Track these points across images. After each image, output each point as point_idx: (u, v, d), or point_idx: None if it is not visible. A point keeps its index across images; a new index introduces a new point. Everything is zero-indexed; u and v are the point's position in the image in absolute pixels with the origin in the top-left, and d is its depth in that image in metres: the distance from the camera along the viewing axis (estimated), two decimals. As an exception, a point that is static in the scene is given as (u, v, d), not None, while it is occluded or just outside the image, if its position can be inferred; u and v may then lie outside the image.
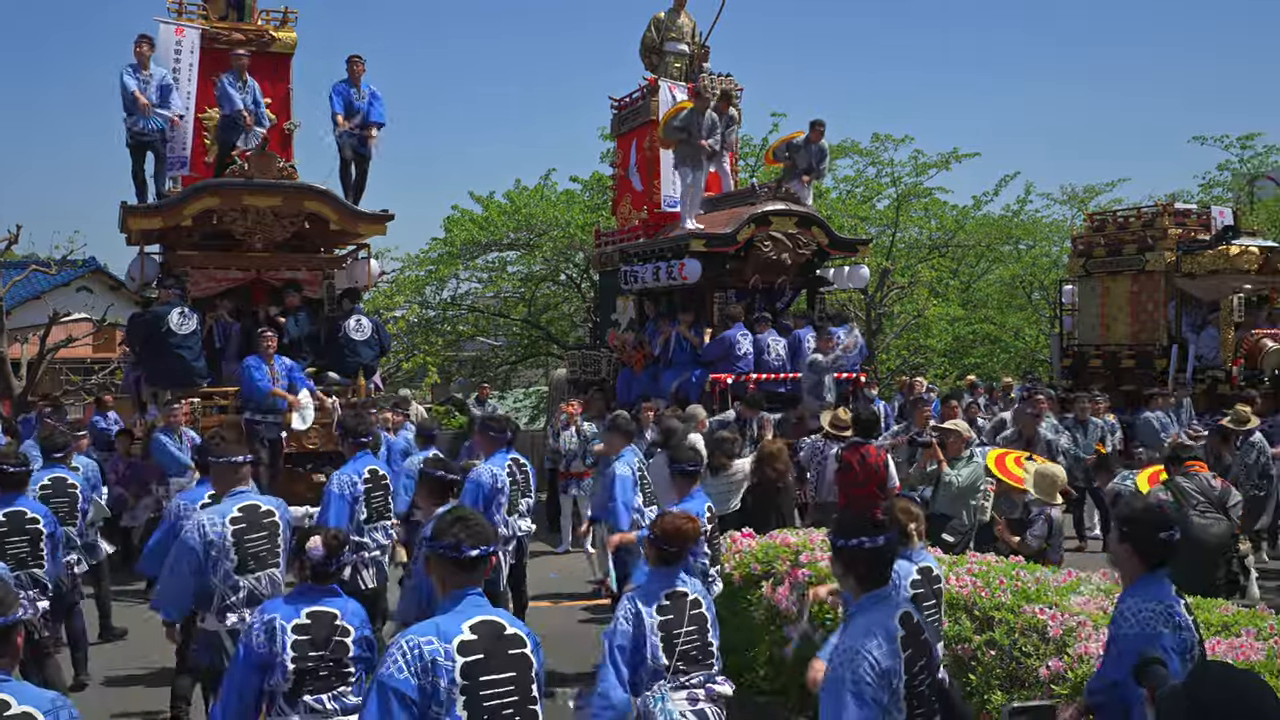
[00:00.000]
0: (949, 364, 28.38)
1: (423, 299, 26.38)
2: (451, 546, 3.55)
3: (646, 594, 4.56)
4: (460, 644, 3.40)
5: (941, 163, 26.26)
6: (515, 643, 3.55)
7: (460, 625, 3.45)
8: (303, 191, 11.90)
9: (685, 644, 4.53)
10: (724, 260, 13.50)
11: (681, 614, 4.54)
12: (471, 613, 3.51)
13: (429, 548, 3.65)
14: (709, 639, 4.64)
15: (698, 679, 4.54)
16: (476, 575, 3.60)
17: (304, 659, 4.34)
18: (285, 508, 5.97)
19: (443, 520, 3.66)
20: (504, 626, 3.54)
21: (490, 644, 3.47)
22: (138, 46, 12.25)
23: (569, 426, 12.81)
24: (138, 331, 11.76)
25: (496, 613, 3.59)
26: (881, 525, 3.69)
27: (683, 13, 16.37)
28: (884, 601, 3.61)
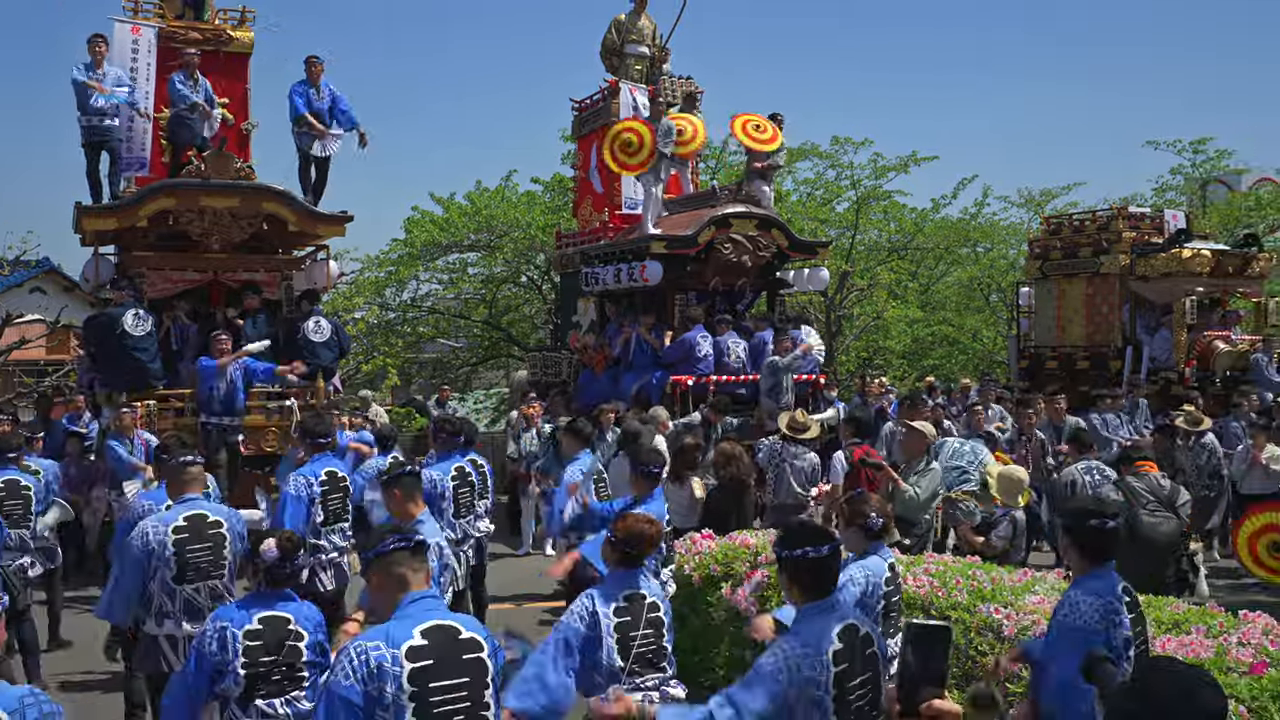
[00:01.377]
0: (908, 365, 28.59)
1: (382, 300, 26.24)
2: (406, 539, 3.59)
3: (605, 594, 4.55)
4: (409, 649, 3.35)
5: (900, 166, 26.46)
6: (470, 646, 3.49)
7: (411, 630, 3.40)
8: (261, 192, 11.80)
9: (641, 647, 4.53)
10: (684, 262, 13.53)
11: (639, 616, 4.53)
12: (424, 617, 3.46)
13: (375, 554, 3.60)
14: (664, 643, 4.64)
15: (652, 681, 4.55)
16: (423, 573, 3.61)
17: (255, 664, 4.34)
18: (237, 518, 5.94)
19: (384, 528, 3.68)
20: (458, 630, 3.49)
21: (442, 649, 3.41)
22: (93, 45, 12.10)
23: (529, 428, 12.80)
24: (92, 333, 11.61)
25: (454, 616, 3.56)
26: (826, 534, 3.68)
27: (643, 15, 16.40)
28: (825, 612, 3.56)
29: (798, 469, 9.19)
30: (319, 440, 7.45)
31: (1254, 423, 11.97)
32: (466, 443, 8.22)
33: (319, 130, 12.94)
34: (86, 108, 11.97)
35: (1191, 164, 28.96)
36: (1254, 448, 11.15)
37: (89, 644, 8.62)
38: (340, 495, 7.39)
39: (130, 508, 6.86)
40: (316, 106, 12.98)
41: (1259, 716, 4.08)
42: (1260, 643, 4.67)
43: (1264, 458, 10.98)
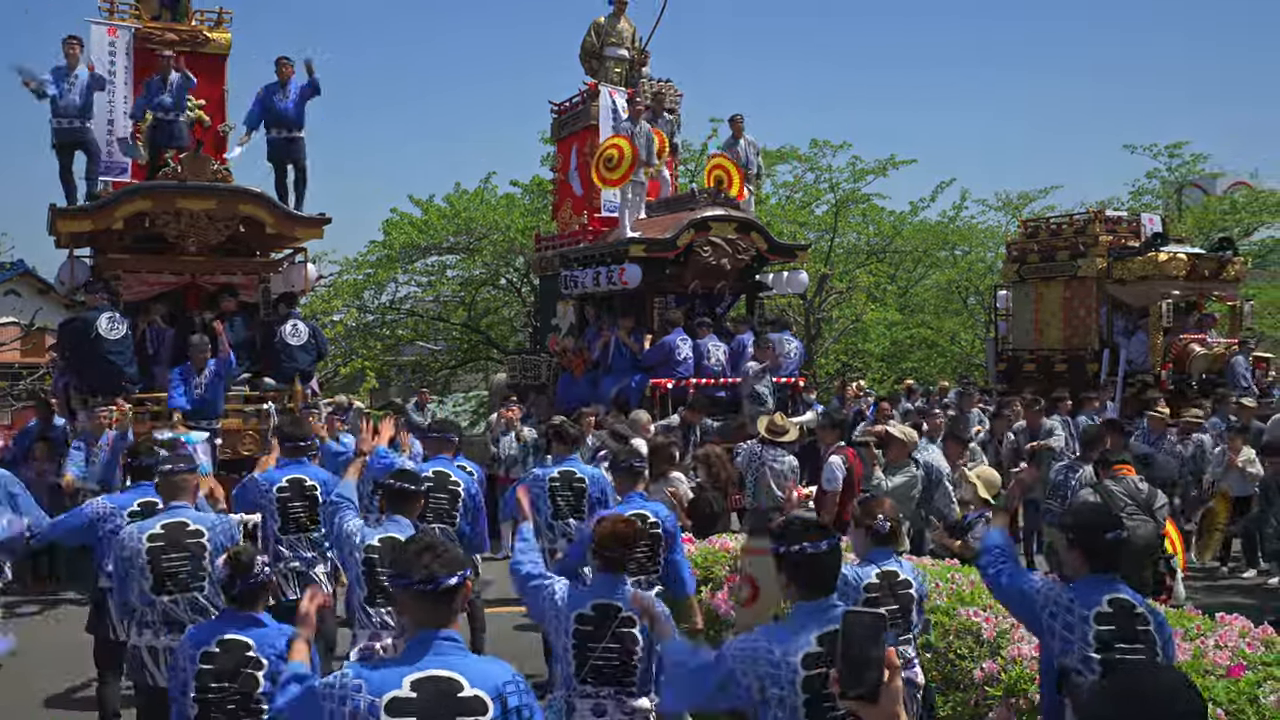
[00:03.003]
0: (886, 368, 28.69)
1: (361, 303, 26.16)
2: (427, 579, 3.12)
3: (573, 598, 4.48)
4: (391, 701, 2.98)
5: (879, 169, 26.59)
6: (470, 707, 3.05)
7: (402, 679, 3.02)
8: (238, 194, 11.71)
9: (600, 659, 4.43)
10: (664, 265, 13.52)
11: (604, 629, 4.42)
12: (428, 664, 3.07)
13: (396, 585, 3.23)
14: (633, 660, 4.48)
15: (607, 691, 4.46)
16: (452, 609, 3.19)
17: (205, 690, 4.14)
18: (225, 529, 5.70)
19: (408, 552, 3.21)
20: (460, 685, 3.06)
21: (430, 707, 3.01)
22: (66, 47, 11.98)
23: (509, 431, 12.76)
24: (67, 337, 11.53)
25: (463, 666, 3.11)
26: (825, 530, 3.54)
27: (623, 18, 16.41)
28: (813, 615, 3.44)
29: (776, 472, 9.17)
30: (296, 444, 7.31)
31: (1231, 425, 12.05)
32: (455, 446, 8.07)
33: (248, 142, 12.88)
34: (58, 109, 11.87)
35: (1168, 168, 29.21)
36: (1230, 451, 11.25)
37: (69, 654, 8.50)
38: (306, 503, 7.08)
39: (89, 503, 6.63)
40: (281, 107, 12.89)
41: (1236, 719, 4.09)
42: (1237, 645, 4.69)
43: (1240, 460, 11.07)
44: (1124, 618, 3.99)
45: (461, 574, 3.17)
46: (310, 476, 7.22)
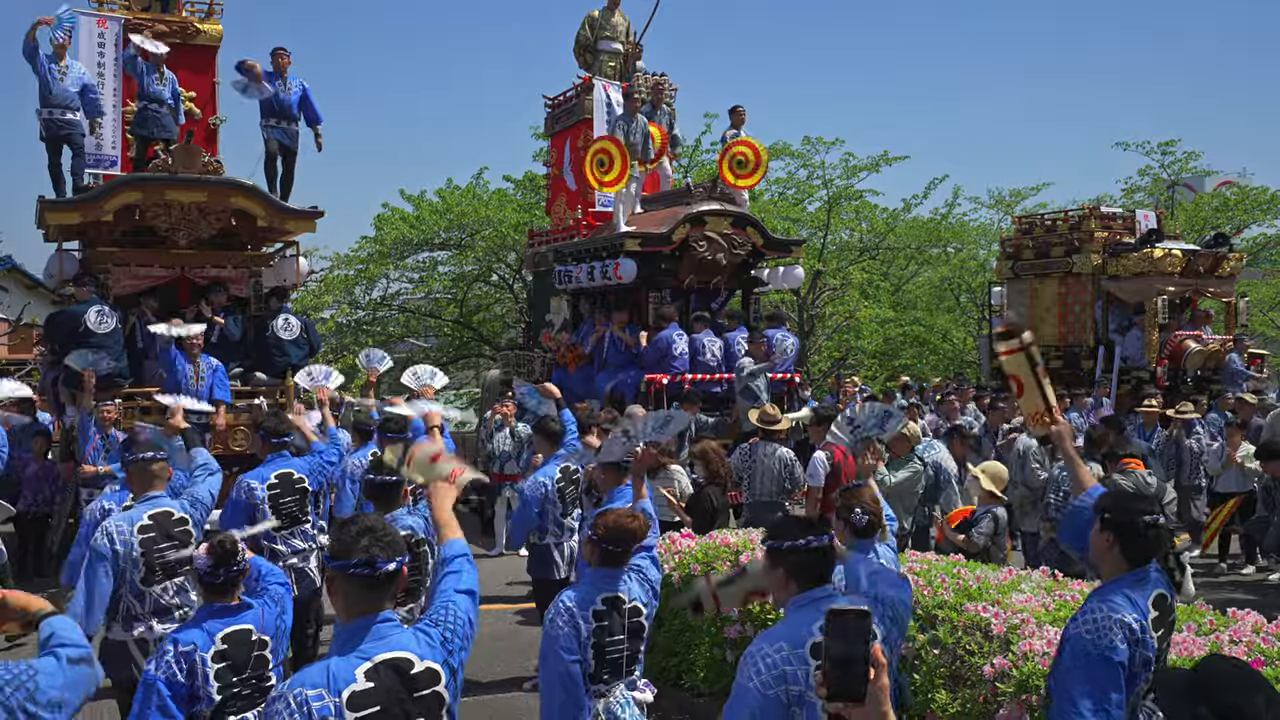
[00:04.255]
0: (879, 365, 28.64)
1: (352, 298, 26.01)
2: (366, 563, 3.04)
3: (581, 599, 4.39)
4: (351, 697, 2.92)
5: (872, 165, 26.53)
6: (425, 680, 3.06)
7: (354, 671, 2.96)
8: (229, 187, 11.56)
9: (616, 654, 4.40)
10: (659, 260, 13.42)
11: (618, 623, 4.39)
12: (373, 650, 3.01)
13: (332, 566, 3.12)
14: (640, 648, 4.51)
15: (620, 687, 4.44)
16: (390, 593, 3.12)
17: (228, 686, 4.14)
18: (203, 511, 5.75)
19: (346, 534, 3.12)
20: (411, 663, 3.05)
21: (390, 692, 2.98)
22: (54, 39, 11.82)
23: (503, 428, 12.66)
24: (55, 331, 11.36)
25: (408, 643, 3.09)
26: (819, 525, 3.53)
27: (617, 12, 16.34)
28: (811, 605, 3.39)
29: (769, 466, 9.10)
30: (276, 440, 7.26)
31: (1230, 421, 12.01)
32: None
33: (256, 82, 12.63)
34: (47, 100, 11.70)
35: (1160, 165, 29.17)
36: (1229, 446, 11.20)
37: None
38: (296, 497, 7.12)
39: (89, 509, 6.64)
40: (284, 99, 12.76)
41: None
42: (1252, 640, 4.62)
43: (1239, 456, 11.02)
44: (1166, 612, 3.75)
45: (400, 559, 3.11)
46: (296, 469, 7.28)
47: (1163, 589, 3.71)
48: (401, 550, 3.15)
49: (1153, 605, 3.63)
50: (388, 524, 3.22)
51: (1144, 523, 3.65)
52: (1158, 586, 3.70)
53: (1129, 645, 3.51)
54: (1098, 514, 3.76)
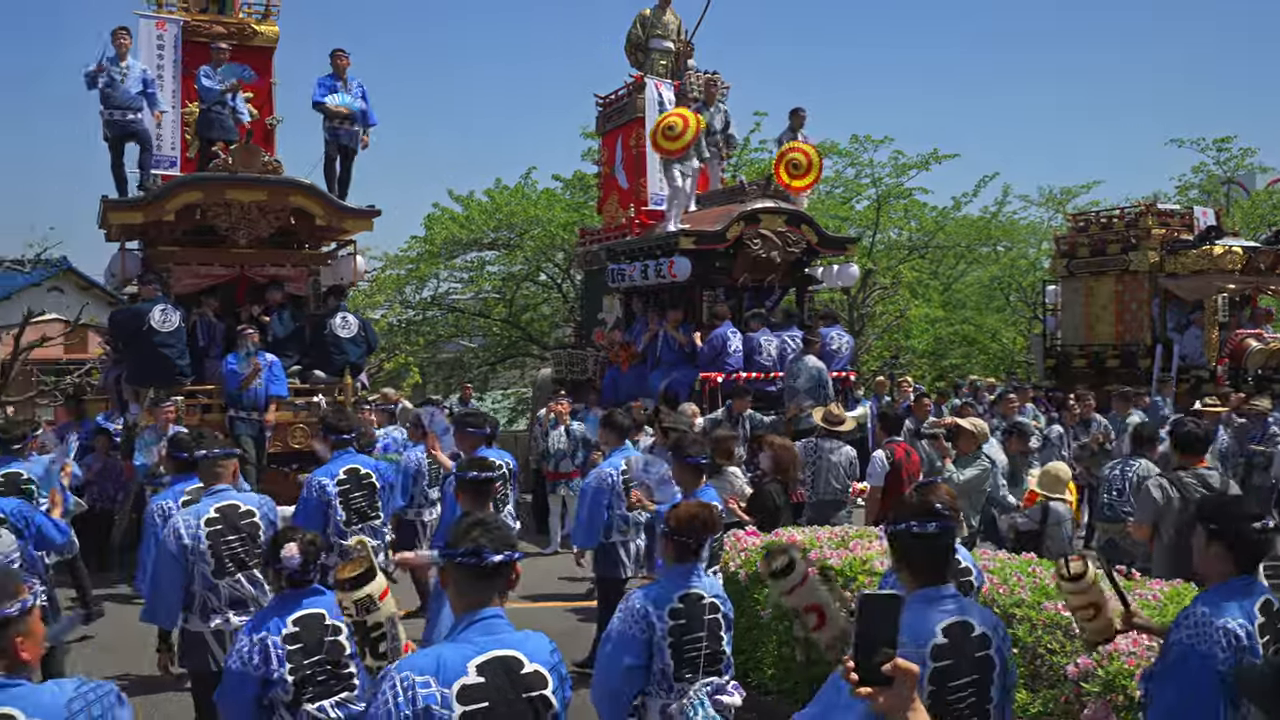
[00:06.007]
0: (928, 365, 28.42)
1: (403, 298, 26.18)
2: (472, 553, 3.05)
3: (658, 597, 4.33)
4: (461, 689, 2.91)
5: (921, 163, 26.32)
6: (533, 682, 3.05)
7: (466, 664, 2.95)
8: (288, 186, 11.66)
9: (694, 651, 4.32)
10: (713, 258, 13.40)
11: (696, 620, 4.32)
12: (485, 645, 3.02)
13: (443, 555, 3.19)
14: (722, 646, 4.43)
15: (707, 688, 4.37)
16: (498, 587, 3.13)
17: (300, 669, 4.15)
18: (270, 506, 5.79)
19: (459, 525, 3.18)
20: (521, 663, 3.05)
21: (499, 690, 2.97)
22: (116, 38, 11.98)
23: (558, 426, 12.68)
24: (119, 329, 11.50)
25: (518, 642, 3.10)
26: (937, 512, 3.37)
27: (668, 10, 16.31)
28: (930, 602, 3.31)
29: (834, 464, 9.03)
30: (340, 436, 7.29)
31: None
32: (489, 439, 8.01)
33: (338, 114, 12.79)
34: (110, 101, 11.86)
35: (1216, 161, 28.72)
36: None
37: (115, 642, 8.50)
38: (365, 492, 7.18)
39: (148, 511, 6.69)
40: (344, 101, 12.85)
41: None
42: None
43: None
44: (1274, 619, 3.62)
45: (509, 553, 3.11)
46: (363, 465, 7.34)
47: (1269, 595, 3.63)
48: (511, 544, 3.16)
49: (1260, 611, 3.55)
50: (499, 517, 3.23)
51: (1253, 530, 3.59)
52: (1264, 592, 3.62)
53: (1233, 652, 3.43)
54: (1202, 524, 3.69)
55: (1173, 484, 6.99)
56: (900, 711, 2.30)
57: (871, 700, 2.29)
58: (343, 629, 4.27)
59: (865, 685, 2.26)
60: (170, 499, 6.34)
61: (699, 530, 4.43)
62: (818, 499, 9.00)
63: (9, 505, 6.22)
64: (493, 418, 8.50)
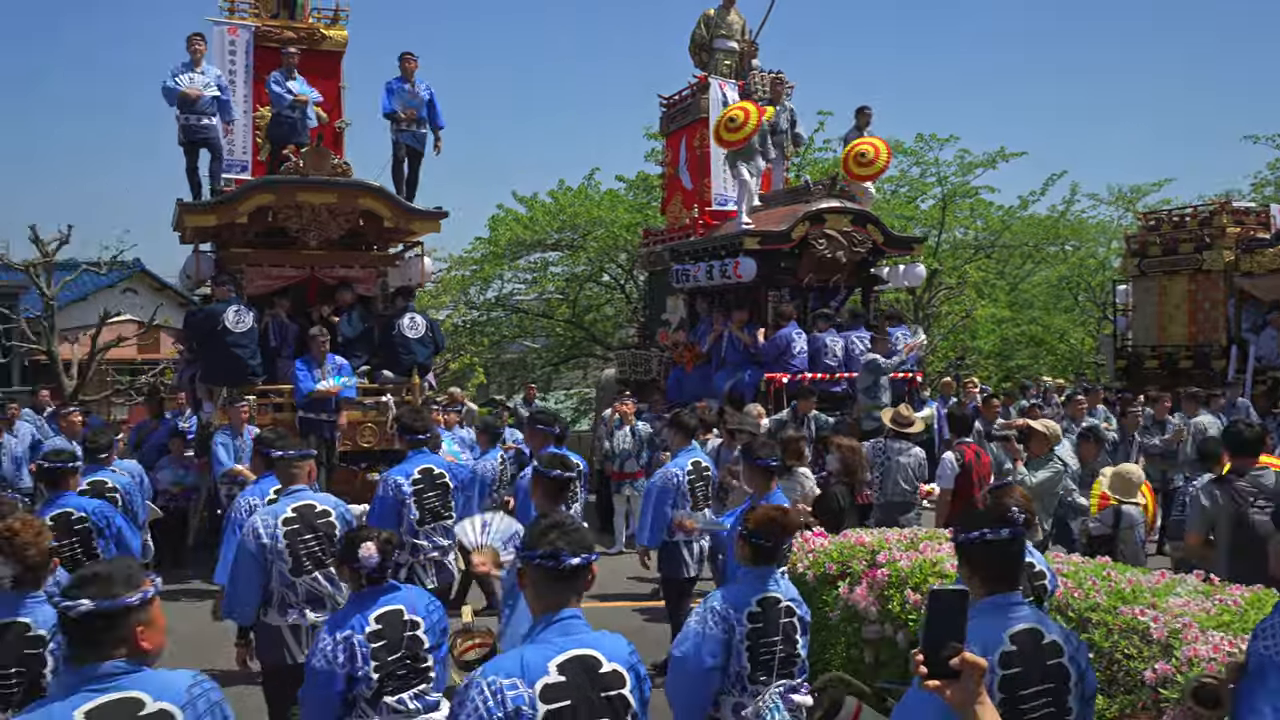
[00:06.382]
0: (994, 366, 28.11)
1: (467, 299, 26.40)
2: (549, 555, 3.10)
3: (736, 599, 4.35)
4: (544, 688, 2.97)
5: (988, 162, 26.06)
6: (612, 681, 3.09)
7: (547, 663, 3.02)
8: (357, 188, 11.82)
9: (769, 654, 4.34)
10: (778, 258, 13.36)
11: (773, 623, 4.34)
12: (564, 644, 3.08)
13: (523, 558, 3.22)
14: (796, 649, 4.45)
15: (779, 688, 4.39)
16: (576, 589, 3.18)
17: (384, 665, 4.24)
18: (344, 507, 5.91)
19: (537, 526, 3.22)
20: (600, 662, 3.10)
21: (580, 688, 3.03)
22: (191, 44, 12.21)
23: (623, 426, 12.72)
24: (194, 329, 11.73)
25: (596, 642, 3.15)
26: (1009, 518, 3.32)
27: (732, 10, 16.30)
28: (999, 610, 3.27)
29: (903, 465, 8.98)
30: (415, 436, 7.37)
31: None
32: (559, 438, 8.05)
33: (406, 126, 12.96)
34: (185, 107, 12.09)
35: (1292, 158, 28.07)
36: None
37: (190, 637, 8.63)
38: (438, 492, 7.25)
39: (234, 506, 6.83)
40: (411, 103, 12.99)
41: None
42: None
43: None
44: None
45: (587, 555, 3.15)
46: (437, 465, 7.39)
47: None
48: (589, 546, 3.20)
49: None
50: (578, 520, 3.26)
51: None
52: None
53: None
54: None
55: (1224, 489, 6.87)
56: (968, 705, 2.35)
57: (939, 693, 2.34)
58: (421, 623, 4.34)
59: (933, 679, 2.31)
60: (256, 495, 6.44)
61: (777, 533, 4.44)
62: (886, 500, 8.95)
63: (91, 505, 6.39)
64: (563, 418, 8.56)
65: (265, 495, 6.38)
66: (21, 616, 4.03)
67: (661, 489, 7.75)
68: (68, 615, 2.78)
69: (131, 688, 2.79)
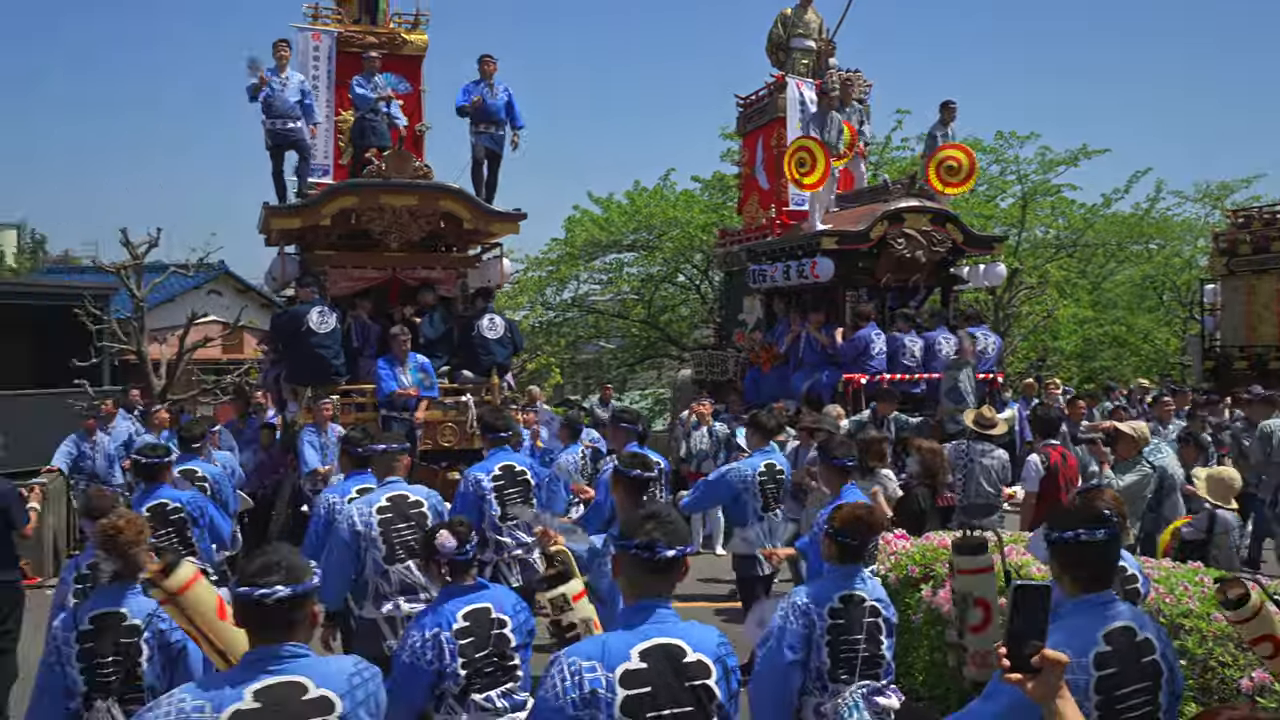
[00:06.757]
0: (1076, 367, 27.61)
1: (544, 299, 26.58)
2: (645, 546, 3.15)
3: (819, 595, 4.36)
4: (624, 674, 3.03)
5: (1070, 159, 25.62)
6: (696, 671, 3.13)
7: (629, 650, 3.07)
8: (438, 191, 11.94)
9: (851, 653, 4.33)
10: (856, 258, 13.27)
11: (855, 622, 4.32)
12: (650, 633, 3.12)
13: (619, 547, 3.28)
14: (881, 650, 4.42)
15: (863, 689, 4.36)
16: (669, 580, 3.23)
17: (472, 662, 4.29)
18: (437, 498, 6.07)
19: (634, 517, 3.30)
20: (684, 652, 3.12)
21: (661, 675, 3.07)
22: (277, 50, 12.43)
23: (700, 427, 12.71)
24: (279, 330, 11.93)
25: (683, 632, 3.18)
26: (1102, 517, 3.26)
27: (810, 9, 16.21)
28: (1093, 609, 3.22)
29: (986, 467, 8.85)
30: (498, 434, 7.43)
31: None
32: (641, 437, 8.05)
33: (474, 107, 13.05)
34: (271, 111, 12.31)
35: (1390, 153, 27.22)
36: None
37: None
38: (519, 489, 7.28)
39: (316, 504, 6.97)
40: (490, 104, 13.08)
41: None
42: None
43: None
44: None
45: (682, 548, 3.20)
46: (518, 462, 7.43)
47: None
48: (684, 539, 3.24)
49: None
50: (674, 512, 3.31)
51: None
52: None
53: None
54: None
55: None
56: (1049, 699, 2.45)
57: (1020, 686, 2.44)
58: (508, 622, 4.39)
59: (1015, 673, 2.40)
60: (337, 494, 6.57)
61: (863, 531, 4.44)
62: (968, 503, 8.84)
63: (185, 495, 6.59)
64: (645, 417, 8.58)
65: (346, 494, 6.49)
66: (119, 607, 4.20)
67: (728, 481, 7.73)
68: (261, 601, 2.87)
69: (297, 672, 2.89)
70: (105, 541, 4.23)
